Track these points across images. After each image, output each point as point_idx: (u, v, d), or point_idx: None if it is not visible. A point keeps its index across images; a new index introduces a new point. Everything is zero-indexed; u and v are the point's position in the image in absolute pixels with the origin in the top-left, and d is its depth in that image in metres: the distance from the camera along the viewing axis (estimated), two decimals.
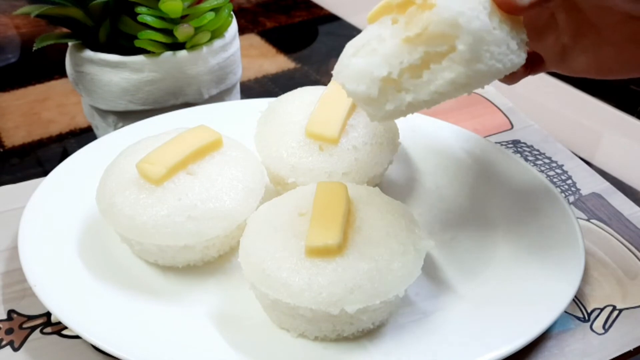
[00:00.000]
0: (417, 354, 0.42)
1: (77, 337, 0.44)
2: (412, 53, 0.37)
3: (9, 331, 0.45)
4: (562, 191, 0.58)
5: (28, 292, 0.47)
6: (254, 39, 0.97)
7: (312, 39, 0.98)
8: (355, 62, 0.38)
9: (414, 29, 0.36)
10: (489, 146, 0.59)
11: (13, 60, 0.88)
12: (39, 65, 0.86)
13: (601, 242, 0.53)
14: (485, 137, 0.63)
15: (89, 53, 0.62)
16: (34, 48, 0.60)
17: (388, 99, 0.38)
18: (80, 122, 0.75)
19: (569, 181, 0.60)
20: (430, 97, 0.38)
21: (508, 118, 0.69)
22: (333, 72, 0.41)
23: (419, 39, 0.37)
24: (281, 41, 0.96)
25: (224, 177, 0.48)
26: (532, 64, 0.46)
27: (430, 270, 0.49)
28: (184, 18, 0.62)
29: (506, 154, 0.58)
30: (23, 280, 0.46)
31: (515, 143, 0.65)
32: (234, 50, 0.67)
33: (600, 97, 0.77)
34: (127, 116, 0.64)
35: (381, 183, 0.57)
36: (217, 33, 0.65)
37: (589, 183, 0.59)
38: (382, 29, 0.39)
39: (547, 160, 0.62)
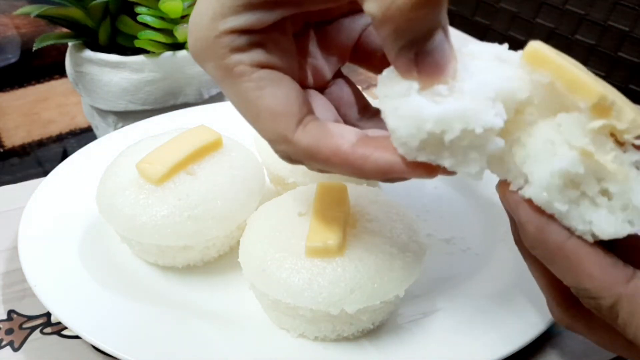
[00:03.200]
0: (416, 355, 0.42)
1: (77, 337, 0.44)
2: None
3: (9, 331, 0.45)
4: None
5: (28, 292, 0.47)
6: None
7: None
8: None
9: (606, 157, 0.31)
10: None
11: (13, 60, 0.88)
12: (39, 65, 0.86)
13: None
14: None
15: (89, 53, 0.62)
16: (34, 48, 0.60)
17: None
18: (80, 122, 0.75)
19: None
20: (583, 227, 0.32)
21: None
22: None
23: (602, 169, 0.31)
24: None
25: (224, 177, 0.48)
26: None
27: (430, 271, 0.49)
28: (184, 18, 0.62)
29: None
30: (23, 280, 0.46)
31: None
32: None
33: None
34: (127, 116, 0.64)
35: (381, 183, 0.57)
36: None
37: None
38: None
39: None
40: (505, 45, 0.33)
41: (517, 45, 0.34)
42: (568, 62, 0.31)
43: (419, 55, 0.30)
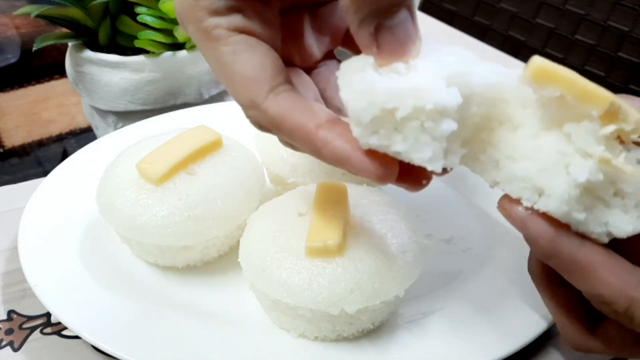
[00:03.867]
0: (416, 355, 0.42)
1: (77, 337, 0.44)
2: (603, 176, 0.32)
3: (9, 331, 0.45)
4: None
5: (28, 292, 0.47)
6: None
7: None
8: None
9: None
10: None
11: (13, 60, 0.88)
12: (39, 66, 0.86)
13: None
14: None
15: (88, 53, 0.62)
16: (34, 48, 0.60)
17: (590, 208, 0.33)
18: (80, 122, 0.75)
19: None
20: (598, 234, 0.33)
21: None
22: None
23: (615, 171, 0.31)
24: None
25: (224, 177, 0.48)
26: None
27: (430, 271, 0.49)
28: None
29: None
30: (23, 280, 0.46)
31: None
32: None
33: None
34: (127, 116, 0.64)
35: None
36: None
37: None
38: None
39: None
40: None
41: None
42: (571, 72, 0.31)
43: (380, 30, 0.30)
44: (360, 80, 0.31)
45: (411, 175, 0.33)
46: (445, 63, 0.31)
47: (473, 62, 0.33)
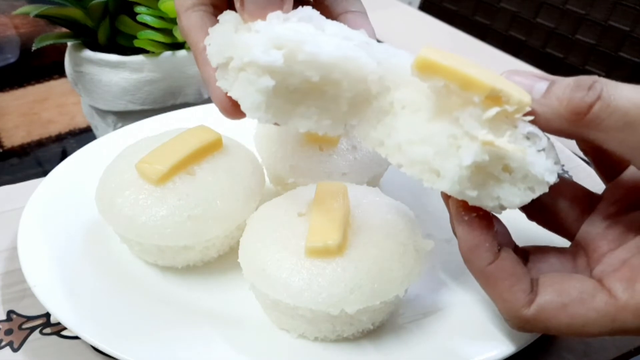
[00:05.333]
0: (417, 356, 0.42)
1: (76, 337, 0.44)
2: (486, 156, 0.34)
3: (9, 332, 0.45)
4: None
5: (28, 293, 0.47)
6: None
7: None
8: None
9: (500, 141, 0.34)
10: None
11: (12, 60, 0.88)
12: (38, 65, 0.86)
13: None
14: None
15: (88, 53, 0.62)
16: (33, 48, 0.60)
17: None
18: (79, 122, 0.75)
19: None
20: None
21: None
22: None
23: (498, 151, 0.34)
24: None
25: (224, 177, 0.48)
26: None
27: (430, 271, 0.49)
28: None
29: None
30: (23, 280, 0.46)
31: None
32: None
33: None
34: (127, 116, 0.64)
35: (381, 183, 0.57)
36: None
37: (589, 183, 0.59)
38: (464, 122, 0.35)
39: None
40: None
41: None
42: (457, 61, 0.34)
43: None
44: (219, 30, 0.37)
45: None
46: (279, 30, 0.35)
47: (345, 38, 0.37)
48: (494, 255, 0.37)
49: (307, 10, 0.37)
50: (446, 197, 0.39)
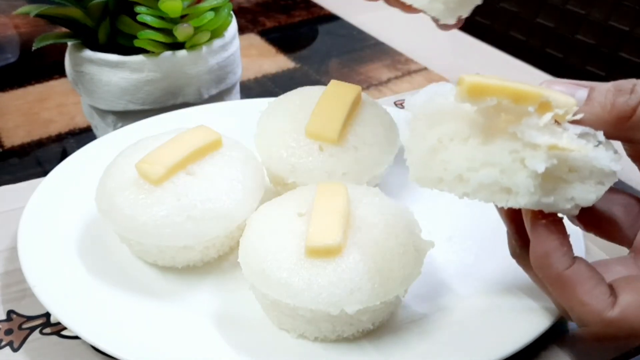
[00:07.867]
0: (417, 356, 0.42)
1: (76, 337, 0.44)
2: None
3: (9, 332, 0.45)
4: None
5: (27, 293, 0.47)
6: (253, 38, 0.97)
7: (312, 39, 0.98)
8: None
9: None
10: None
11: (12, 60, 0.88)
12: (38, 65, 0.86)
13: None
14: None
15: (88, 53, 0.62)
16: (33, 48, 0.60)
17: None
18: (79, 122, 0.75)
19: None
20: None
21: None
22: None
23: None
24: (281, 41, 0.96)
25: (224, 177, 0.48)
26: None
27: (430, 271, 0.49)
28: (183, 18, 0.62)
29: None
30: (23, 280, 0.46)
31: None
32: (233, 50, 0.67)
33: None
34: (127, 116, 0.64)
35: (381, 183, 0.57)
36: (216, 33, 0.65)
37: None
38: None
39: None
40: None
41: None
42: (498, 79, 0.35)
43: None
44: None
45: None
46: None
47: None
48: (571, 260, 0.36)
49: None
50: (504, 212, 0.39)
